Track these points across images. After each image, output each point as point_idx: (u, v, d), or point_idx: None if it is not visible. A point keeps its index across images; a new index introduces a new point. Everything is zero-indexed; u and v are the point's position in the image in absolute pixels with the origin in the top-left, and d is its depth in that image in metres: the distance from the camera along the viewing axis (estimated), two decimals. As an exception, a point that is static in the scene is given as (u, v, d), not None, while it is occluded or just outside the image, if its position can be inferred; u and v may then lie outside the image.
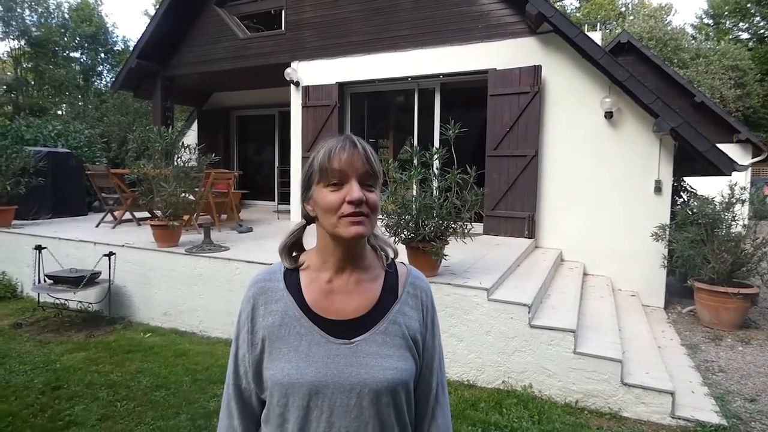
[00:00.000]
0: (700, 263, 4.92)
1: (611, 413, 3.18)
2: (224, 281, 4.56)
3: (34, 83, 27.21)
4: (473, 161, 3.88)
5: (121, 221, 6.54)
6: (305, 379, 0.88)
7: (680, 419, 3.06)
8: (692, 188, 6.85)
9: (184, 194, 5.18)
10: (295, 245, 1.02)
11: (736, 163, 4.99)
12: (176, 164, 5.18)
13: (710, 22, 29.46)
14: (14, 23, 25.33)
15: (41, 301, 4.96)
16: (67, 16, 27.58)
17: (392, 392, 0.90)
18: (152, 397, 3.28)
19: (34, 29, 25.92)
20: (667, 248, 5.33)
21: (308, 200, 0.95)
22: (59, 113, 23.91)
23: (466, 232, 3.70)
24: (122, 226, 6.46)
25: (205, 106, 11.05)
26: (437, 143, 6.50)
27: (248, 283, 0.99)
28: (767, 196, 5.43)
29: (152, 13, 24.83)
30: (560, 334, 3.36)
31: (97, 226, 6.44)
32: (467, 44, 6.21)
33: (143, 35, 8.30)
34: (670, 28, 24.05)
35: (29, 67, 26.87)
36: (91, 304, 5.05)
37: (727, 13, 27.82)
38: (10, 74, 26.41)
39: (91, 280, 4.67)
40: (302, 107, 7.39)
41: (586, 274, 5.64)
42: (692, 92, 12.72)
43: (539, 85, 5.75)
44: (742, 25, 27.81)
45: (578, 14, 30.76)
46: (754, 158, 12.68)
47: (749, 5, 26.65)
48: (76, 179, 7.72)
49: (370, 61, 6.88)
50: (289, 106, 7.67)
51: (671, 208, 5.52)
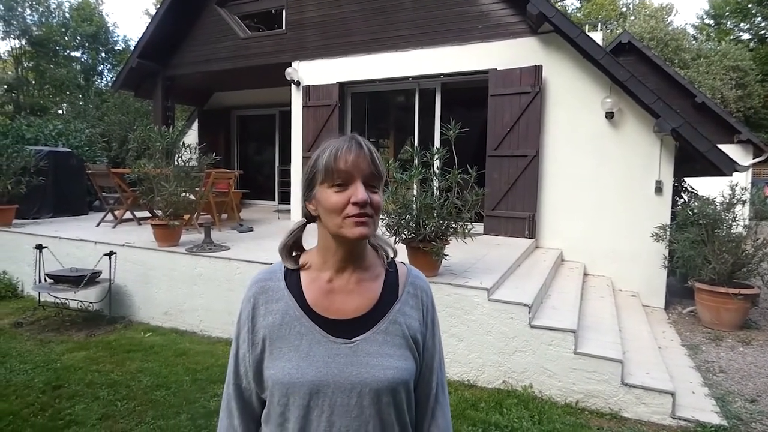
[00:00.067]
0: (700, 264, 4.92)
1: (612, 413, 3.18)
2: (225, 281, 4.56)
3: (34, 83, 27.27)
4: (474, 161, 3.89)
5: (121, 221, 6.54)
6: (306, 378, 0.88)
7: (681, 420, 3.06)
8: (693, 189, 6.85)
9: (184, 194, 5.18)
10: (295, 245, 1.02)
11: (736, 163, 4.98)
12: (177, 164, 5.19)
13: (711, 22, 29.46)
14: (15, 23, 25.40)
15: (42, 300, 4.96)
16: (67, 15, 27.65)
17: (393, 392, 0.90)
18: (152, 396, 3.28)
19: (35, 29, 25.98)
20: (667, 249, 5.33)
21: (311, 200, 0.95)
22: (60, 113, 23.92)
23: (466, 232, 3.70)
24: (123, 225, 6.46)
25: (205, 105, 11.06)
26: (438, 143, 6.50)
27: (249, 282, 0.99)
28: (768, 196, 5.43)
29: (153, 12, 24.86)
30: (561, 334, 3.35)
31: (97, 225, 6.45)
32: (468, 44, 6.21)
33: (144, 35, 8.31)
34: (671, 28, 24.05)
35: (30, 66, 26.94)
36: (91, 303, 5.06)
37: (728, 13, 27.82)
38: (11, 73, 26.47)
39: (91, 279, 4.67)
40: (303, 107, 7.39)
41: (586, 274, 5.63)
42: (693, 93, 12.73)
43: (540, 85, 5.75)
44: (743, 25, 27.82)
45: (579, 14, 30.76)
46: (754, 159, 12.68)
47: (750, 5, 26.65)
48: (76, 179, 7.73)
49: (370, 60, 6.87)
50: (289, 105, 7.67)
51: (672, 208, 5.52)
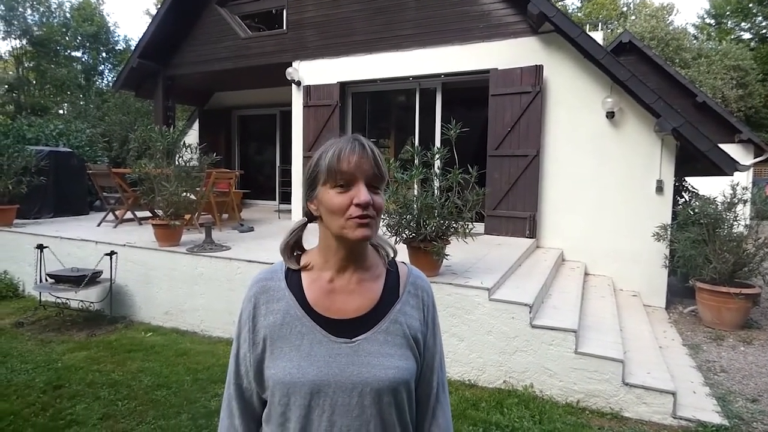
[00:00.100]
0: (701, 263, 4.91)
1: (612, 413, 3.17)
2: (225, 281, 4.57)
3: (35, 82, 27.28)
4: (474, 161, 3.89)
5: (122, 220, 6.55)
6: (307, 378, 0.88)
7: (682, 419, 3.06)
8: (694, 188, 6.84)
9: (185, 194, 5.19)
10: (296, 244, 1.02)
11: (737, 163, 4.98)
12: (178, 164, 5.19)
13: (712, 21, 29.41)
14: (16, 22, 25.41)
15: (43, 300, 4.96)
16: (68, 15, 27.65)
17: (394, 391, 0.90)
18: (153, 396, 3.28)
19: (35, 29, 25.99)
20: (668, 248, 5.32)
21: (312, 200, 0.95)
22: (61, 112, 23.93)
23: (467, 231, 3.70)
24: (124, 225, 6.47)
25: (206, 105, 11.06)
26: (438, 143, 6.50)
27: (249, 282, 0.99)
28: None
29: (153, 12, 24.89)
30: (561, 333, 3.35)
31: (98, 225, 6.45)
32: (469, 44, 6.21)
33: (144, 35, 8.31)
34: (671, 27, 24.04)
35: (31, 66, 26.95)
36: (92, 303, 5.06)
37: (729, 12, 27.77)
38: (11, 73, 26.49)
39: (92, 279, 4.68)
40: (303, 107, 7.39)
41: (587, 274, 5.63)
42: (694, 92, 12.72)
43: (541, 84, 5.74)
44: (744, 24, 27.76)
45: (580, 14, 30.74)
46: (755, 158, 12.68)
47: (751, 5, 26.60)
48: (77, 178, 7.74)
49: (371, 60, 6.87)
50: (290, 105, 7.67)
51: (673, 208, 5.51)
